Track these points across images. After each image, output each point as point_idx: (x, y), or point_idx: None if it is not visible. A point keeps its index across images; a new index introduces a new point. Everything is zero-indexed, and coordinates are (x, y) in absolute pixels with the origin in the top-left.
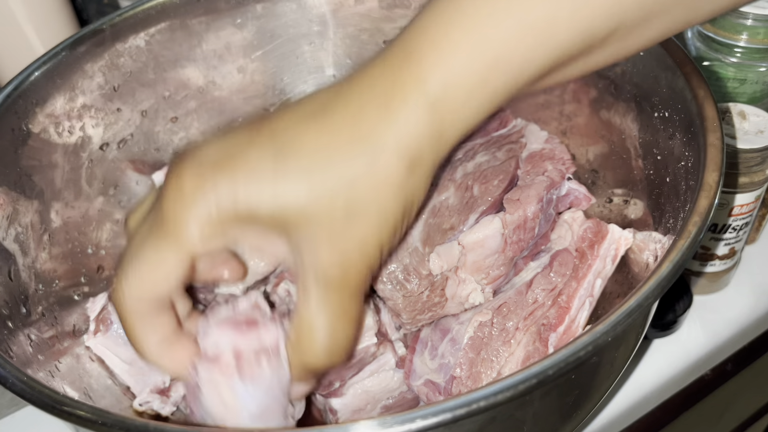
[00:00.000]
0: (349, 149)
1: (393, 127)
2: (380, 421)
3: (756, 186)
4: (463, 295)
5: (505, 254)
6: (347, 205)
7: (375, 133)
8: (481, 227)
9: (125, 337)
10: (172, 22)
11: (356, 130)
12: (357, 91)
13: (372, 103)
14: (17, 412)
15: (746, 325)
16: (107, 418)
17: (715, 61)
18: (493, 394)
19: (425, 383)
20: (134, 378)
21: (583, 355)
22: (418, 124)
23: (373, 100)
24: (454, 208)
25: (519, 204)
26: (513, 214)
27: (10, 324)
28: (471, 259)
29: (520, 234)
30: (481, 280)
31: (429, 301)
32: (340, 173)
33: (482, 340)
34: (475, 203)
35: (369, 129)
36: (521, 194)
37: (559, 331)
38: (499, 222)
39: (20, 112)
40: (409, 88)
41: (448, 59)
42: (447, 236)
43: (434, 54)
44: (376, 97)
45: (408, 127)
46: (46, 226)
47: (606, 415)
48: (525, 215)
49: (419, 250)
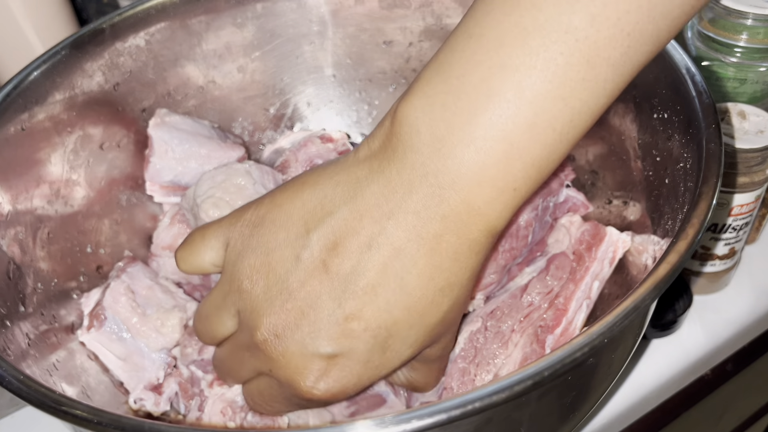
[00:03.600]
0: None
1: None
2: (377, 421)
3: (756, 186)
4: None
5: (497, 262)
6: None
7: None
8: None
9: (119, 333)
10: (172, 21)
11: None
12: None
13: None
14: (17, 412)
15: (746, 325)
16: (103, 417)
17: (715, 61)
18: (488, 395)
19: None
20: (128, 374)
21: (579, 357)
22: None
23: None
24: None
25: None
26: None
27: (8, 322)
28: None
29: (513, 242)
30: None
31: None
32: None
33: (476, 347)
34: None
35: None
36: None
37: (556, 333)
38: None
39: (20, 111)
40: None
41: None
42: None
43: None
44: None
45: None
46: (45, 225)
47: (606, 415)
48: (517, 223)
49: None
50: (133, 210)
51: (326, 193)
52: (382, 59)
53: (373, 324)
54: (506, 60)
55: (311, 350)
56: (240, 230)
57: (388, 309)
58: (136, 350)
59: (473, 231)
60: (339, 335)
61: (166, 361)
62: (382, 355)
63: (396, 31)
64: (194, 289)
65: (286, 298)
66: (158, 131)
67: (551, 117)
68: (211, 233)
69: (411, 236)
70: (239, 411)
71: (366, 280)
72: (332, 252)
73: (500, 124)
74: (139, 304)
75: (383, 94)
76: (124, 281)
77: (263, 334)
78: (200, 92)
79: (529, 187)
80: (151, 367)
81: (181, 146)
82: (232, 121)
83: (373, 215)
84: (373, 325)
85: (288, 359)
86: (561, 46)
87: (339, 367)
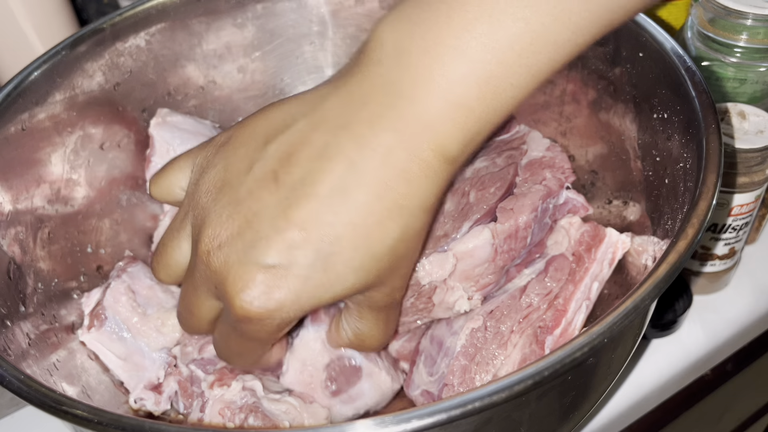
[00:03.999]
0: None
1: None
2: (377, 421)
3: (756, 186)
4: (450, 301)
5: (496, 263)
6: (392, 267)
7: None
8: (471, 237)
9: (119, 333)
10: (172, 21)
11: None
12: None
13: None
14: (17, 412)
15: (746, 325)
16: (103, 416)
17: (715, 61)
18: (488, 395)
19: (421, 393)
20: (128, 373)
21: (579, 356)
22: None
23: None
24: (449, 215)
25: (512, 213)
26: (504, 223)
27: (8, 322)
28: (460, 268)
29: (512, 243)
30: (470, 287)
31: (414, 307)
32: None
33: (476, 345)
34: (470, 210)
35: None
36: (515, 203)
37: (555, 334)
38: (489, 233)
39: (20, 111)
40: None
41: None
42: (440, 243)
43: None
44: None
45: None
46: (46, 225)
47: (606, 415)
48: (517, 225)
49: None
50: (134, 210)
51: (290, 110)
52: None
53: (314, 235)
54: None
55: (251, 259)
56: (207, 150)
57: (332, 222)
58: (136, 350)
59: (424, 149)
60: (279, 243)
61: (167, 361)
62: (323, 273)
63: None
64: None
65: (233, 209)
66: (160, 131)
67: (511, 35)
68: (184, 157)
69: (362, 147)
70: (238, 412)
71: (312, 190)
72: (284, 162)
73: (457, 35)
74: (140, 304)
75: None
76: (125, 281)
77: (206, 245)
78: (200, 92)
79: (485, 111)
80: (151, 367)
81: (182, 146)
82: (232, 122)
83: (328, 126)
84: (314, 237)
85: (227, 270)
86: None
87: (276, 279)
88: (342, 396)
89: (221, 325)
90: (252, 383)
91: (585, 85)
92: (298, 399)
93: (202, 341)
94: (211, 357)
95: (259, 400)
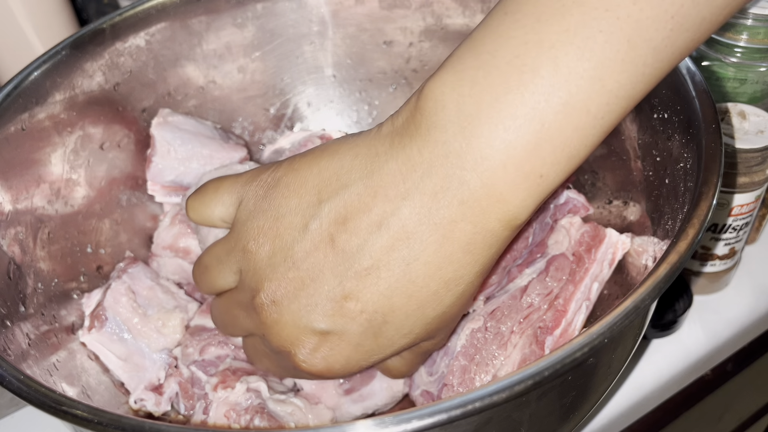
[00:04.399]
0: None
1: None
2: (377, 421)
3: (756, 186)
4: None
5: (498, 263)
6: (447, 325)
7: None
8: None
9: (120, 334)
10: (172, 21)
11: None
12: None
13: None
14: (17, 412)
15: (746, 325)
16: (103, 416)
17: (715, 61)
18: (488, 395)
19: (421, 393)
20: (129, 374)
21: (579, 356)
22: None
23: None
24: None
25: None
26: None
27: (8, 322)
28: None
29: (513, 243)
30: None
31: None
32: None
33: (476, 346)
34: None
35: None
36: None
37: (555, 334)
38: None
39: (20, 111)
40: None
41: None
42: None
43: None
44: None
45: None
46: (46, 225)
47: (606, 415)
48: None
49: None
50: (134, 210)
51: (344, 164)
52: (382, 59)
53: (370, 307)
54: (542, 36)
55: (305, 323)
56: (254, 190)
57: (389, 294)
58: (137, 351)
59: (491, 220)
60: (334, 313)
61: (167, 362)
62: (375, 340)
63: (396, 31)
64: (195, 289)
65: (289, 267)
66: (161, 131)
67: (586, 98)
68: (225, 188)
69: (424, 220)
70: (244, 413)
71: (370, 261)
72: (341, 226)
73: (532, 102)
74: (140, 305)
75: (383, 94)
76: (125, 282)
77: (261, 299)
78: (200, 92)
79: (557, 175)
80: (151, 368)
81: (183, 146)
82: (232, 122)
83: (387, 193)
84: (369, 308)
85: (281, 328)
86: (601, 24)
87: (329, 346)
88: (353, 395)
89: (260, 345)
90: (257, 384)
91: None
92: (303, 400)
93: (203, 343)
94: (212, 358)
95: (264, 401)
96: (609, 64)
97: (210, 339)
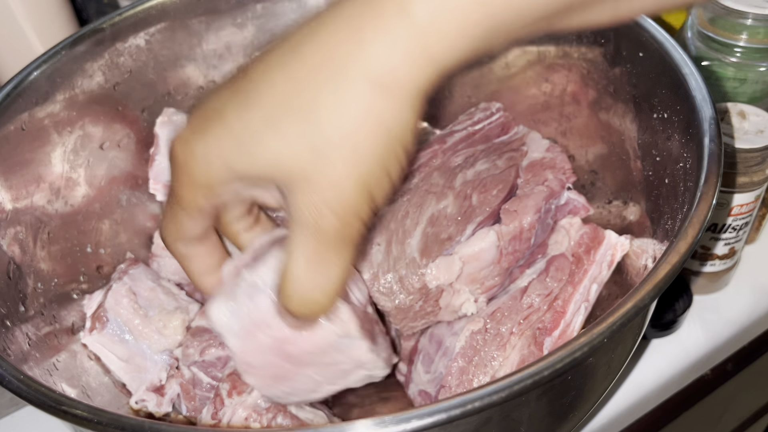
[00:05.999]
0: (316, 87)
1: (361, 53)
2: (377, 421)
3: (756, 186)
4: (457, 304)
5: (501, 265)
6: (315, 146)
7: (342, 63)
8: (477, 240)
9: (121, 335)
10: (172, 21)
11: (325, 66)
12: (329, 23)
13: (343, 34)
14: (17, 412)
15: (746, 325)
16: (103, 416)
17: (715, 61)
18: (488, 395)
19: (419, 393)
20: (130, 375)
21: (578, 357)
22: (391, 47)
23: (344, 30)
24: (452, 218)
25: (516, 215)
26: (509, 225)
27: (8, 322)
28: (466, 271)
29: (516, 245)
30: (476, 290)
31: (422, 311)
32: (306, 115)
33: (475, 347)
34: (473, 213)
35: (337, 61)
36: (519, 205)
37: (554, 335)
38: (495, 235)
39: (20, 110)
40: (386, 10)
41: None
42: (444, 247)
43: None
44: (348, 28)
45: (378, 50)
46: (46, 225)
47: (606, 415)
48: (521, 226)
49: (416, 261)
50: (134, 210)
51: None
52: None
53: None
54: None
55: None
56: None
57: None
58: (138, 352)
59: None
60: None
61: (168, 363)
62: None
63: None
64: (196, 290)
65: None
66: (165, 130)
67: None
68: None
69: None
70: (265, 413)
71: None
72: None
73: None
74: (141, 306)
75: None
76: (126, 283)
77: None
78: (200, 92)
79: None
80: (153, 369)
81: None
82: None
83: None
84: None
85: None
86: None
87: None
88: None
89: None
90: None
91: (585, 85)
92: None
93: (204, 344)
94: (213, 359)
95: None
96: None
97: (211, 340)
